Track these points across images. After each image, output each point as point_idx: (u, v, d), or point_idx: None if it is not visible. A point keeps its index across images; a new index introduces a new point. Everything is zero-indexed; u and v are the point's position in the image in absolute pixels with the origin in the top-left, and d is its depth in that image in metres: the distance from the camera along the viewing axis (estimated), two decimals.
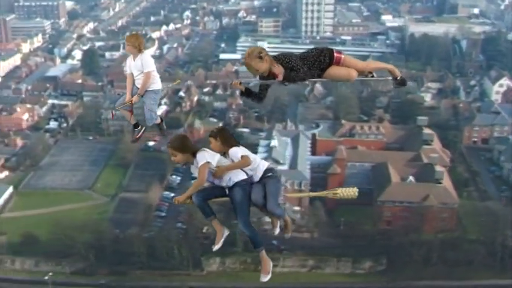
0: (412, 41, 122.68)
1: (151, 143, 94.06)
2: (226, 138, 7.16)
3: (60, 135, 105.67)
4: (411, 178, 75.44)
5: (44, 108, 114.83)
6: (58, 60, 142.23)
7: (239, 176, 6.97)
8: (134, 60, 7.84)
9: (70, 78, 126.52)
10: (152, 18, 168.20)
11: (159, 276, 69.30)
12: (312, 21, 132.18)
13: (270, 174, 7.17)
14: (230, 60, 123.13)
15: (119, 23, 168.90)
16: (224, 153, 7.14)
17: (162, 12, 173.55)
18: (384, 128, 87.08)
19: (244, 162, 6.97)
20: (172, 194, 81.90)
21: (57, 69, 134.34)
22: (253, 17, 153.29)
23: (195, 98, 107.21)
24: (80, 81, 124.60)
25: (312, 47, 7.71)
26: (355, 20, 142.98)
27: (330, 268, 68.68)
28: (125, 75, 8.33)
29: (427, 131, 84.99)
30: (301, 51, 7.34)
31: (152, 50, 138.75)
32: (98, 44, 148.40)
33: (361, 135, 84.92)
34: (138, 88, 7.91)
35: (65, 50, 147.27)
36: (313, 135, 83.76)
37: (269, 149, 77.21)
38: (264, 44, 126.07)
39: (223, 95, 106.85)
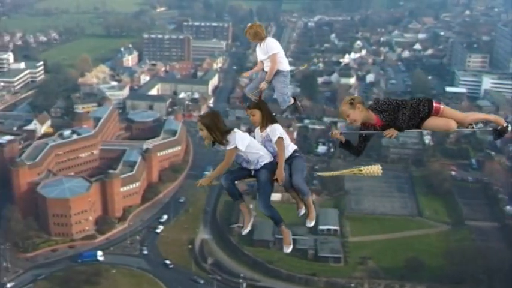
0: None
1: (453, 173, 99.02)
2: (268, 111, 7.29)
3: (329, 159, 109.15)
4: None
5: (295, 133, 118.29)
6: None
7: (266, 158, 7.15)
8: (260, 46, 7.80)
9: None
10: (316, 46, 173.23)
11: None
12: None
13: (296, 154, 7.33)
14: (456, 93, 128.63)
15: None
16: (261, 127, 7.33)
17: (330, 39, 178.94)
18: None
19: (283, 147, 7.10)
20: None
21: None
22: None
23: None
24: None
25: None
26: None
27: None
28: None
29: None
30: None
31: (353, 80, 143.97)
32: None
33: None
34: (267, 73, 7.75)
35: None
36: None
37: None
38: (488, 80, 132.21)
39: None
